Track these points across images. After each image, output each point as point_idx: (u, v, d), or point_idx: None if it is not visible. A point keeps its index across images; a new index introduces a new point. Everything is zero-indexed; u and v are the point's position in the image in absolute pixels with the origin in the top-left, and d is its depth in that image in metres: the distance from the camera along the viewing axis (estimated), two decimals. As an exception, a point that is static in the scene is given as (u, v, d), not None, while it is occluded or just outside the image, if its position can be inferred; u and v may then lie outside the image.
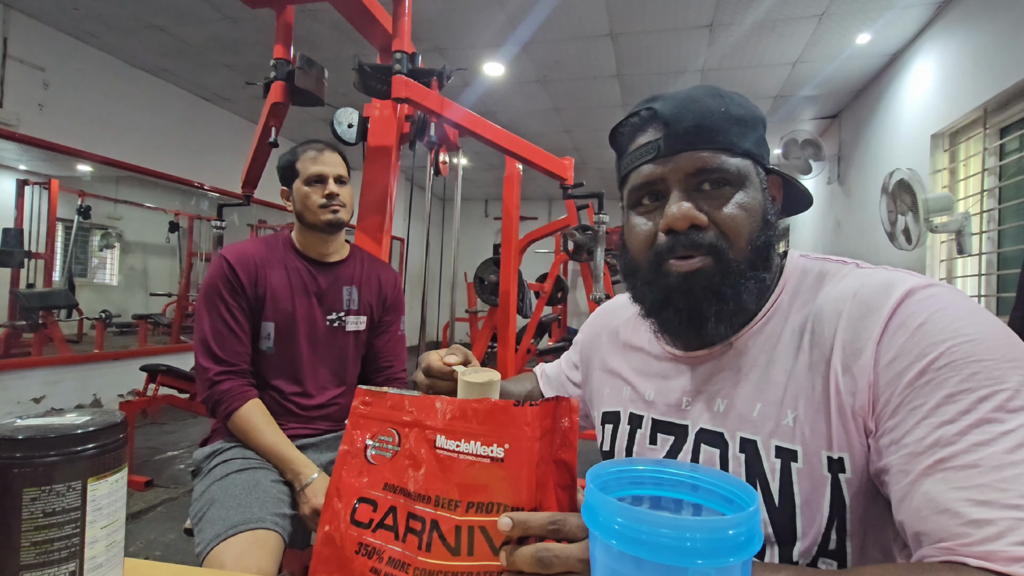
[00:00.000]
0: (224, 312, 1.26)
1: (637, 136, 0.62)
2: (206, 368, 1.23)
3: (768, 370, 0.58)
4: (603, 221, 2.84)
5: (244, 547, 1.00)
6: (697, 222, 0.57)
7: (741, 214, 0.57)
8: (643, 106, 0.62)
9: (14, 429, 0.42)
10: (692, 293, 0.58)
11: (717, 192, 0.58)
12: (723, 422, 0.60)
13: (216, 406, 1.23)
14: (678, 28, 3.50)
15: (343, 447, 0.56)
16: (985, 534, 0.41)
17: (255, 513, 1.06)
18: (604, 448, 0.74)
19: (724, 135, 0.58)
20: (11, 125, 3.44)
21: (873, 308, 0.53)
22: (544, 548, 0.43)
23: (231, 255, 1.29)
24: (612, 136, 0.66)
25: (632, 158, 0.62)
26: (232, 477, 1.16)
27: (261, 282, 1.30)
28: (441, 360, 0.64)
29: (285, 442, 1.22)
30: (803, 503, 0.54)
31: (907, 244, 2.93)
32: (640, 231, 0.61)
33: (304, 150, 1.36)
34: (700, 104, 0.58)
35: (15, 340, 3.74)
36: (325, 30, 3.62)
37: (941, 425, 0.46)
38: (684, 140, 0.57)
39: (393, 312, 1.49)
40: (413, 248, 5.83)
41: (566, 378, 0.89)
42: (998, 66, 2.63)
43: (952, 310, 0.49)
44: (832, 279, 0.59)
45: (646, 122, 0.61)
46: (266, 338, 1.31)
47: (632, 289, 0.65)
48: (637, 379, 0.72)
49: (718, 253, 0.57)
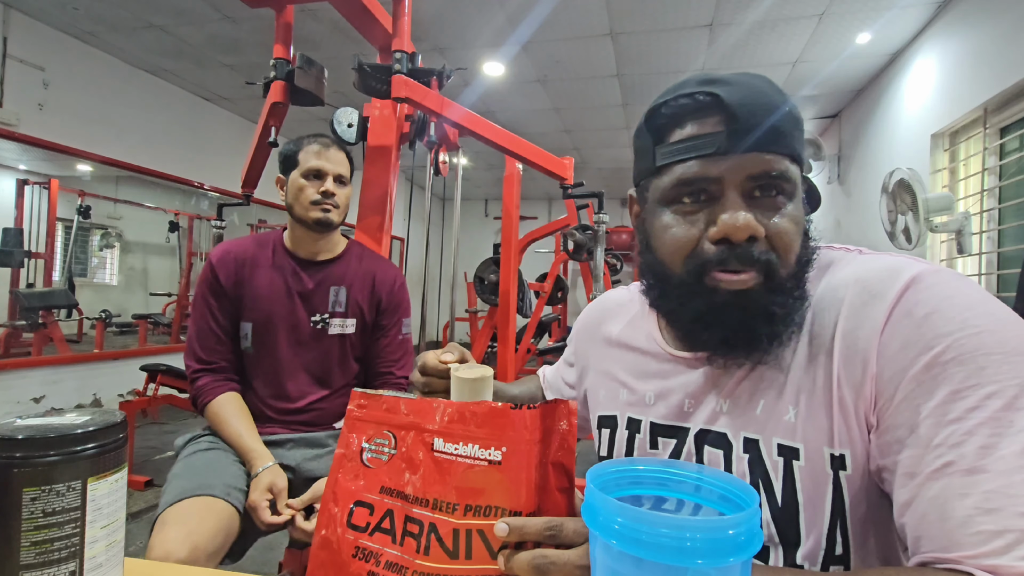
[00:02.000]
0: (206, 312, 1.29)
1: (688, 123, 0.53)
2: (187, 366, 1.30)
3: (769, 364, 0.56)
4: (603, 221, 2.84)
5: (189, 510, 1.03)
6: (756, 234, 0.51)
7: (792, 228, 0.52)
8: (699, 88, 0.53)
9: (14, 429, 0.42)
10: (745, 312, 0.52)
11: (769, 201, 0.52)
12: (727, 422, 0.58)
13: (195, 400, 1.29)
14: (678, 28, 3.50)
15: (339, 450, 0.56)
16: (992, 547, 0.40)
17: (206, 481, 1.10)
18: (602, 453, 0.72)
19: (788, 137, 0.52)
20: (11, 125, 3.43)
21: (876, 295, 0.50)
22: (541, 555, 0.42)
23: (214, 255, 1.30)
24: (650, 116, 0.56)
25: (679, 148, 0.53)
26: (197, 455, 1.21)
27: (241, 281, 1.30)
28: (437, 359, 0.63)
29: (248, 434, 1.22)
30: (806, 502, 0.52)
31: (907, 244, 2.93)
32: (677, 234, 0.54)
33: (310, 142, 1.32)
34: (768, 98, 0.52)
35: (15, 340, 3.74)
36: (325, 30, 3.62)
37: (947, 424, 0.44)
38: (752, 138, 0.50)
39: (391, 315, 1.40)
40: (413, 248, 5.83)
41: (562, 380, 0.87)
42: (998, 66, 2.63)
43: (960, 298, 0.47)
44: (835, 266, 0.56)
45: (705, 109, 0.52)
46: (244, 338, 1.31)
47: (659, 296, 0.59)
48: (634, 381, 0.68)
49: (770, 269, 0.51)
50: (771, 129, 0.51)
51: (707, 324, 0.54)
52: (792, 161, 0.53)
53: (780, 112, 0.51)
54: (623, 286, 0.81)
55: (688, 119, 0.53)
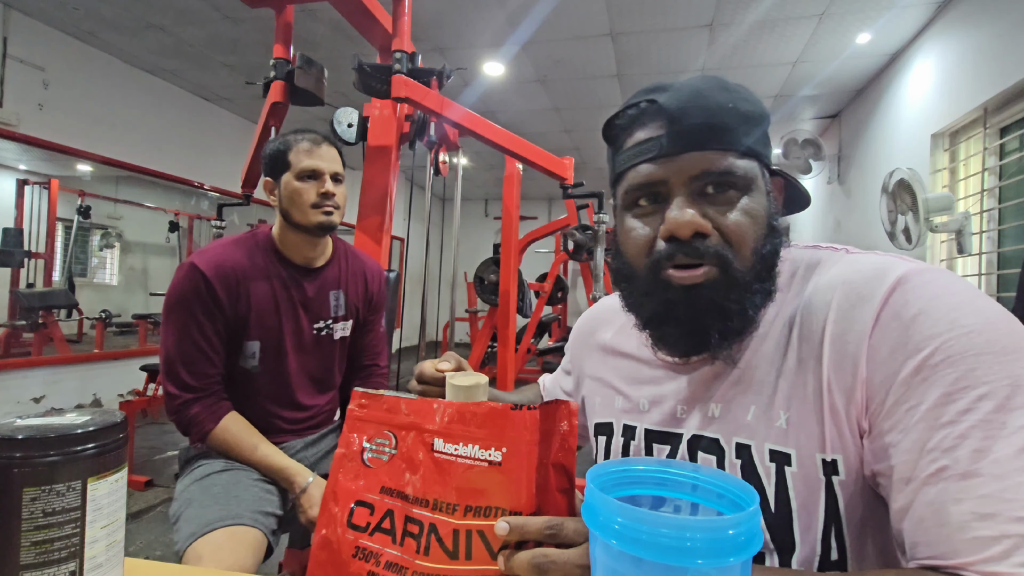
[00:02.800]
0: (195, 333, 1.13)
1: (636, 131, 0.56)
2: (173, 395, 1.13)
3: (760, 369, 0.56)
4: (603, 221, 2.84)
5: (221, 542, 0.97)
6: (702, 230, 0.52)
7: (747, 221, 0.53)
8: (643, 97, 0.56)
9: (14, 429, 0.42)
10: (695, 307, 0.53)
11: (722, 196, 0.53)
12: (719, 427, 0.58)
13: (188, 429, 1.15)
14: (678, 28, 3.50)
15: (340, 450, 0.56)
16: (990, 554, 0.40)
17: (233, 510, 1.03)
18: (598, 461, 0.72)
19: (733, 134, 0.53)
20: (11, 125, 3.43)
21: (864, 298, 0.49)
22: (541, 554, 0.42)
23: (208, 267, 1.13)
24: (607, 128, 0.59)
25: (629, 155, 0.56)
26: (212, 477, 1.12)
27: (243, 298, 1.17)
28: (434, 367, 0.64)
29: (273, 451, 1.15)
30: (799, 508, 0.52)
31: (907, 244, 2.93)
32: (637, 236, 0.56)
33: (298, 140, 1.22)
34: (707, 99, 0.53)
35: (15, 340, 3.74)
36: (325, 30, 3.62)
37: (940, 427, 0.43)
38: (690, 139, 0.52)
39: (377, 310, 1.41)
40: (413, 248, 5.82)
41: (560, 389, 0.87)
42: (998, 66, 2.63)
43: (948, 298, 0.46)
44: (822, 267, 0.56)
45: (647, 116, 0.55)
46: (251, 357, 1.20)
47: (627, 297, 0.61)
48: (629, 388, 0.68)
49: (723, 263, 0.52)
50: (709, 127, 0.52)
51: (661, 321, 0.56)
52: (741, 156, 0.53)
53: (722, 110, 0.52)
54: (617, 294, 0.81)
55: (635, 126, 0.56)
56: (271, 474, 1.15)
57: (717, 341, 0.54)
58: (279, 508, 1.14)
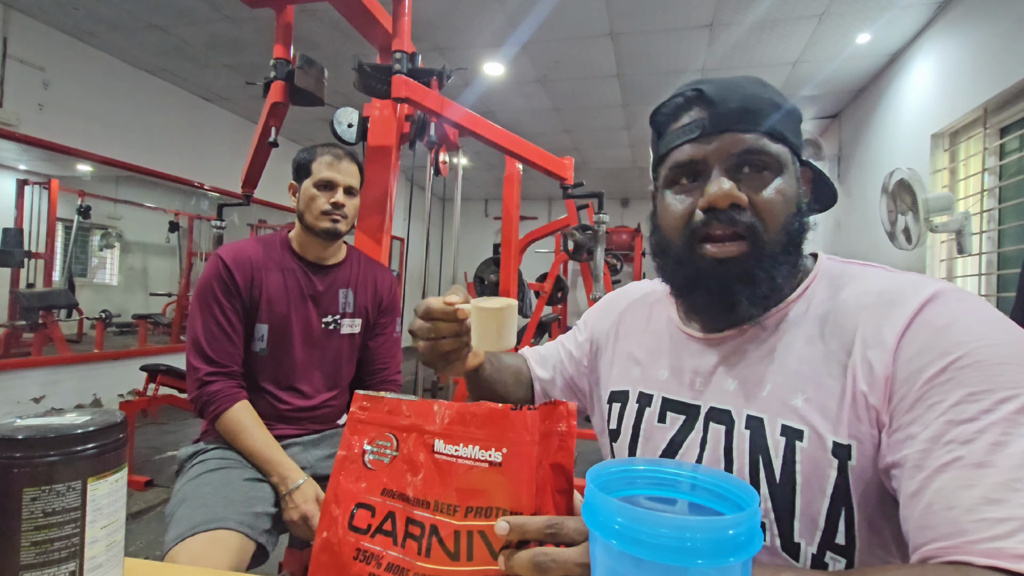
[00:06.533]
0: (217, 313, 1.24)
1: (680, 116, 0.62)
2: (197, 368, 1.22)
3: (783, 354, 0.59)
4: (603, 221, 2.84)
5: (201, 547, 0.98)
6: (738, 201, 0.57)
7: (778, 198, 0.58)
8: (687, 88, 0.62)
9: (14, 429, 0.42)
10: (725, 277, 0.58)
11: (757, 176, 0.58)
12: (731, 400, 0.61)
13: (205, 407, 1.21)
14: (678, 28, 3.50)
15: (341, 452, 0.56)
16: (995, 532, 0.41)
17: (218, 513, 1.05)
18: (611, 427, 0.73)
19: (767, 119, 0.58)
20: (11, 125, 3.43)
21: (898, 304, 0.53)
22: (542, 553, 0.43)
23: (228, 255, 1.27)
24: (653, 116, 0.66)
25: (673, 137, 0.62)
26: (205, 476, 1.15)
27: (257, 284, 1.29)
28: (442, 301, 0.61)
29: (272, 444, 1.20)
30: (804, 481, 0.54)
31: (907, 244, 2.93)
32: (676, 209, 0.61)
33: (323, 152, 1.35)
34: (745, 88, 0.59)
35: (15, 340, 3.74)
36: (325, 30, 3.62)
37: (960, 423, 0.45)
38: (729, 120, 0.58)
39: (389, 314, 1.48)
40: (413, 248, 5.83)
41: (567, 352, 0.86)
42: (998, 66, 2.63)
43: (979, 315, 0.49)
44: (858, 279, 0.60)
45: (690, 102, 0.61)
46: (259, 340, 1.29)
47: (662, 268, 0.66)
48: (649, 359, 0.72)
49: (754, 235, 0.57)
50: (747, 111, 0.58)
51: (693, 286, 0.61)
52: (773, 140, 0.59)
53: (758, 99, 0.59)
54: (647, 279, 0.84)
55: (680, 112, 0.63)
56: (266, 466, 1.18)
57: (745, 307, 0.59)
58: (272, 506, 1.15)
